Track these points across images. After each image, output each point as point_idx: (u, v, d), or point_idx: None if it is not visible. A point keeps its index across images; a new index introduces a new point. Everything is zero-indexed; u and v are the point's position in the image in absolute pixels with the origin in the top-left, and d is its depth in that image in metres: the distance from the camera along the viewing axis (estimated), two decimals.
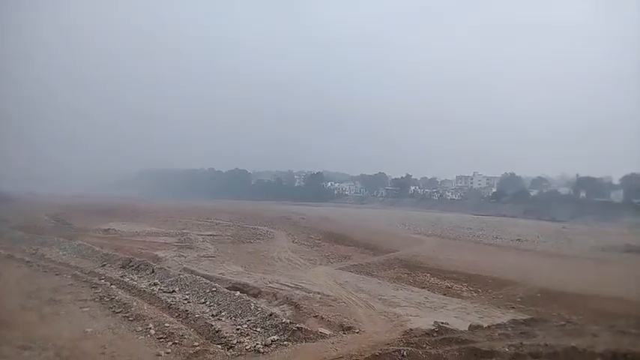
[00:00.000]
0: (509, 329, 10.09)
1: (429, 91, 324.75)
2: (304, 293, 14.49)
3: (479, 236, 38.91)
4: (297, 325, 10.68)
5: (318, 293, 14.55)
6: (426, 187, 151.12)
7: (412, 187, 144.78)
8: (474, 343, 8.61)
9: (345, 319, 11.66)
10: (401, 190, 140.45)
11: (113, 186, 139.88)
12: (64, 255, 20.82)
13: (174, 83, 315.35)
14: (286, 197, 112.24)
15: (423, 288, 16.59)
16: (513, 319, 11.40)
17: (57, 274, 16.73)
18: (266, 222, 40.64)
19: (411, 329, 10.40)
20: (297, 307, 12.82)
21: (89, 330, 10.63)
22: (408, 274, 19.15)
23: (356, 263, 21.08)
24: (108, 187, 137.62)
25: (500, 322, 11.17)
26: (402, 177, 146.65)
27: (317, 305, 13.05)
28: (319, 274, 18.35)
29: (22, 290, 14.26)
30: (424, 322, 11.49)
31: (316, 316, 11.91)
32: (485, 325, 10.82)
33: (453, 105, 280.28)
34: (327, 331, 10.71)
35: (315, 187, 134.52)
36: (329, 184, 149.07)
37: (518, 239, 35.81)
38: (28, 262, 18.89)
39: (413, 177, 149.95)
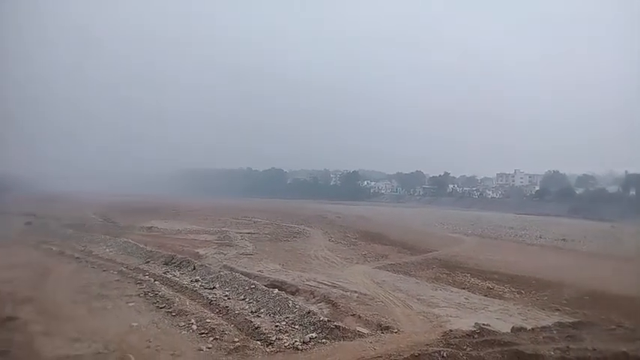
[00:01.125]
0: (555, 332, 9.74)
1: (467, 86, 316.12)
2: (341, 292, 14.51)
3: (521, 236, 37.72)
4: (335, 323, 10.70)
5: (355, 292, 14.53)
6: (464, 185, 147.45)
7: (450, 186, 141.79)
8: (517, 345, 8.37)
9: (382, 319, 11.59)
10: (439, 188, 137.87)
11: (156, 185, 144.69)
12: (111, 252, 21.70)
13: (210, 87, 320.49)
14: (322, 196, 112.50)
15: (463, 288, 16.25)
16: (559, 322, 11.01)
17: (104, 270, 17.51)
18: (302, 220, 40.92)
19: (450, 330, 10.22)
20: (334, 305, 12.85)
21: (135, 324, 11.06)
22: (447, 274, 18.80)
23: (393, 262, 20.91)
24: (151, 186, 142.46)
25: (545, 325, 10.79)
26: (439, 175, 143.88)
27: (354, 304, 13.04)
28: (356, 272, 18.32)
29: (73, 285, 15.00)
30: (464, 323, 11.27)
31: (354, 314, 11.89)
32: (528, 327, 10.49)
33: (492, 100, 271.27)
34: (364, 330, 10.68)
35: (350, 186, 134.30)
36: (365, 182, 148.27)
37: (564, 239, 34.45)
38: (77, 258, 19.86)
39: (451, 175, 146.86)
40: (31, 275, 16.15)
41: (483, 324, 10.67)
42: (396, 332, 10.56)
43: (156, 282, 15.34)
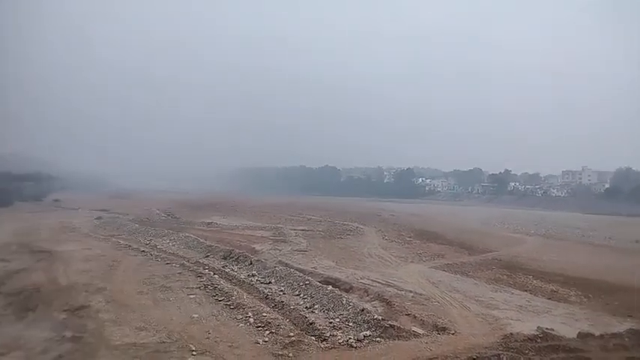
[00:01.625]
0: (627, 339, 9.10)
1: (526, 80, 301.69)
2: (396, 291, 14.33)
3: (589, 237, 35.32)
4: (390, 322, 10.61)
5: (410, 291, 14.30)
6: (527, 183, 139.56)
7: (512, 184, 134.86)
8: (583, 352, 7.92)
9: (439, 319, 11.33)
10: (499, 186, 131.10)
11: (217, 183, 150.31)
12: (173, 246, 22.78)
13: (265, 95, 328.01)
14: (375, 194, 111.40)
15: (525, 291, 15.51)
16: (631, 329, 10.23)
17: (167, 263, 18.42)
18: (356, 218, 40.79)
19: (511, 333, 9.82)
20: (388, 304, 12.73)
21: (195, 316, 11.55)
22: (507, 275, 18.02)
23: (450, 262, 20.35)
24: (212, 184, 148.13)
25: (615, 332, 10.10)
26: (499, 172, 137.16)
27: (409, 303, 12.85)
28: (411, 272, 18.03)
29: (139, 277, 15.91)
30: (526, 326, 10.78)
31: (408, 314, 11.72)
32: (597, 333, 9.85)
33: (555, 94, 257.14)
34: (420, 330, 10.50)
35: (405, 184, 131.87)
36: (419, 180, 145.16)
37: (637, 241, 31.93)
38: (143, 251, 21.04)
39: (512, 172, 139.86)
40: (103, 267, 17.32)
41: (547, 328, 10.17)
42: (452, 334, 10.29)
43: (215, 275, 15.94)
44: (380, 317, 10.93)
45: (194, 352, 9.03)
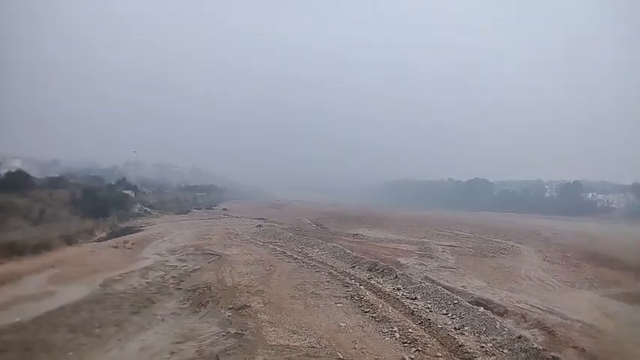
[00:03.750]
0: None
1: None
2: (560, 319, 12.76)
3: None
4: (552, 353, 9.53)
5: (578, 321, 12.57)
6: None
7: None
8: None
9: (615, 358, 9.74)
10: None
11: (364, 195, 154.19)
12: (322, 254, 23.88)
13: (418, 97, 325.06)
14: (534, 210, 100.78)
15: None
16: None
17: (317, 271, 19.38)
18: (511, 236, 37.50)
19: None
20: (551, 333, 11.40)
21: (343, 324, 11.90)
22: None
23: (629, 291, 17.29)
24: (359, 195, 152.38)
25: None
26: None
27: (576, 335, 11.32)
28: (578, 299, 15.85)
29: (292, 282, 17.04)
30: None
31: (575, 347, 10.35)
32: None
33: None
34: None
35: (570, 199, 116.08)
36: (589, 195, 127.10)
37: None
38: (295, 258, 22.51)
39: None
40: (261, 271, 19.00)
41: None
42: None
43: (361, 286, 16.23)
44: (540, 347, 9.88)
45: None
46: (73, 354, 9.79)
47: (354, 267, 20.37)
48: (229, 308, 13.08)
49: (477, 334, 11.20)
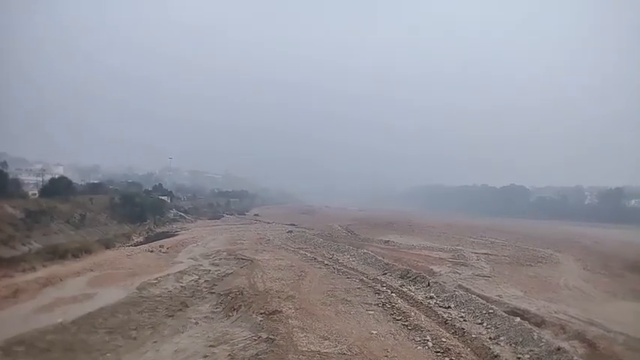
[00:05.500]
0: None
1: None
2: (601, 331, 12.23)
3: None
4: None
5: (622, 334, 11.98)
6: None
7: None
8: None
9: None
10: None
11: (395, 201, 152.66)
12: (353, 261, 23.78)
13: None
14: (574, 217, 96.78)
15: None
16: None
17: (347, 277, 19.30)
18: (549, 244, 36.28)
19: None
20: (592, 346, 10.94)
21: (374, 332, 11.79)
22: None
23: None
24: (390, 202, 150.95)
25: None
26: None
27: (620, 348, 10.80)
28: (622, 310, 15.13)
29: (323, 288, 17.03)
30: None
31: None
32: None
33: None
34: None
35: (612, 206, 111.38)
36: (632, 201, 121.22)
37: None
38: (326, 264, 22.50)
39: None
40: (292, 276, 19.09)
41: None
42: None
43: (392, 294, 16.05)
44: None
45: None
46: (111, 355, 10.10)
47: (385, 274, 20.18)
48: (261, 313, 13.19)
49: (513, 345, 10.88)
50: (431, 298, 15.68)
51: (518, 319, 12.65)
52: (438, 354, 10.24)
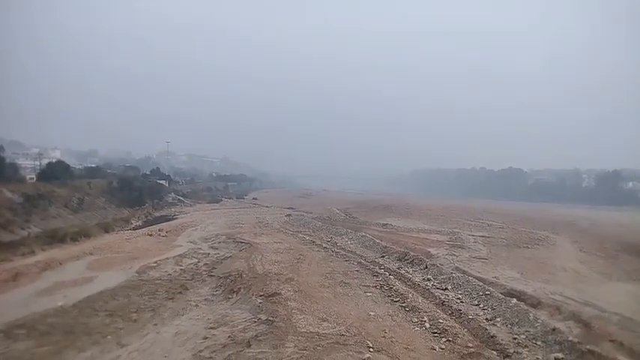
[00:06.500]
0: None
1: None
2: (596, 312, 12.36)
3: None
4: (588, 346, 9.25)
5: (616, 314, 12.11)
6: None
7: None
8: None
9: None
10: None
11: (394, 184, 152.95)
12: (351, 244, 23.92)
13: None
14: (571, 200, 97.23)
15: None
16: None
17: (346, 260, 19.43)
18: (545, 226, 36.49)
19: None
20: (587, 325, 11.07)
21: (372, 313, 11.91)
22: None
23: None
24: (389, 185, 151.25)
25: None
26: None
27: (614, 328, 10.93)
28: (617, 291, 15.31)
29: (321, 271, 17.15)
30: None
31: (613, 340, 9.99)
32: None
33: None
34: None
35: (609, 188, 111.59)
36: (629, 184, 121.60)
37: None
38: (324, 247, 22.63)
39: None
40: (291, 259, 19.21)
41: None
42: None
43: (390, 276, 16.19)
44: (576, 340, 9.62)
45: (371, 349, 9.31)
46: (112, 337, 10.19)
47: (383, 257, 20.32)
48: (260, 295, 13.30)
49: (509, 326, 11.02)
50: (428, 280, 15.82)
51: (514, 300, 12.79)
52: (435, 334, 10.37)
